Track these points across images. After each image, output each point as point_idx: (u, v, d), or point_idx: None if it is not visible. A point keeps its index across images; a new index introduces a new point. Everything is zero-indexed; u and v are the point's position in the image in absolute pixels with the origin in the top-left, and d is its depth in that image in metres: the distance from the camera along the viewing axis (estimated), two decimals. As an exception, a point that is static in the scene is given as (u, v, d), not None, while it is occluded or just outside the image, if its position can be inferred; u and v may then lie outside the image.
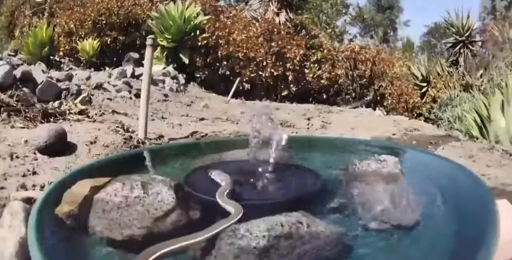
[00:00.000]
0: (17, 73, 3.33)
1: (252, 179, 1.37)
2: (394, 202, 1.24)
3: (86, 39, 6.72)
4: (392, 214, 1.15)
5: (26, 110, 2.81)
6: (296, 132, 3.66)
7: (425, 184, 1.40)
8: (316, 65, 7.78)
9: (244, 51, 6.97)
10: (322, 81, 7.70)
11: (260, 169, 1.39)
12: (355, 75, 8.45)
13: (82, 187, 1.18)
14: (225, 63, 7.10)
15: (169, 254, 0.91)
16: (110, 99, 4.21)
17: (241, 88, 7.12)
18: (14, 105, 2.83)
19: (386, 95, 8.60)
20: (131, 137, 2.78)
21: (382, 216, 1.14)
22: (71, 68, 5.86)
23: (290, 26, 8.37)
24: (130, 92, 4.62)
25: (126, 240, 1.02)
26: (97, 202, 1.10)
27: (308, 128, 4.27)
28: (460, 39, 10.03)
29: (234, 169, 1.45)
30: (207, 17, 7.12)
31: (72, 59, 7.11)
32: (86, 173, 1.40)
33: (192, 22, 6.80)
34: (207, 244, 0.94)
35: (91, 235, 1.05)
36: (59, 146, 2.28)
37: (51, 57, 5.86)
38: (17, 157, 2.15)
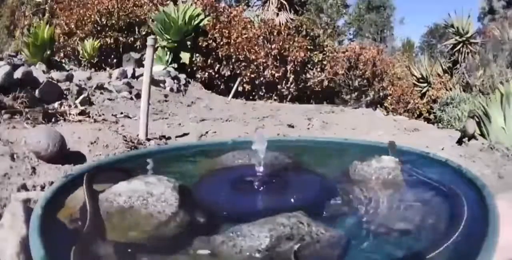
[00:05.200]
0: (18, 73, 3.33)
1: (259, 184, 1.37)
2: (394, 204, 1.24)
3: (87, 40, 6.72)
4: (392, 216, 1.16)
5: (27, 111, 2.81)
6: (299, 135, 3.66)
7: (425, 185, 1.40)
8: (316, 65, 7.78)
9: (244, 52, 6.97)
10: (323, 81, 7.70)
11: (265, 174, 1.38)
12: (355, 75, 8.46)
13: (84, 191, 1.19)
14: (225, 63, 7.11)
15: None
16: (111, 100, 4.21)
17: (241, 88, 7.13)
18: (15, 106, 2.83)
19: (387, 95, 8.61)
20: (131, 137, 2.79)
21: (382, 218, 1.15)
22: (71, 69, 5.86)
23: (290, 27, 8.37)
24: (130, 92, 4.62)
25: (129, 242, 1.02)
26: (100, 204, 1.10)
27: (308, 128, 4.27)
28: (460, 39, 10.02)
29: (241, 174, 1.45)
30: (208, 17, 7.12)
31: (73, 60, 7.11)
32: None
33: (192, 23, 6.81)
34: (208, 245, 0.94)
35: (93, 237, 1.05)
36: (59, 153, 2.26)
37: (52, 58, 5.85)
38: (18, 157, 2.16)
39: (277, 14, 10.15)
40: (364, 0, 22.17)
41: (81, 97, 3.72)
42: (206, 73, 7.00)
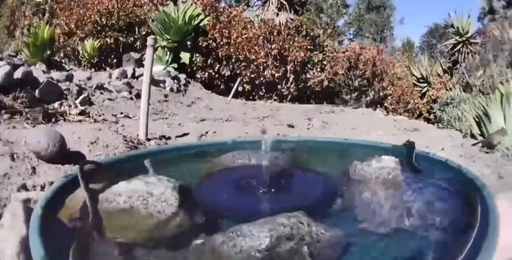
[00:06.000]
0: (18, 73, 3.33)
1: (259, 185, 1.37)
2: (394, 204, 1.24)
3: (87, 40, 6.72)
4: (392, 216, 1.15)
5: (27, 111, 2.81)
6: (299, 135, 3.66)
7: (425, 185, 1.40)
8: (316, 65, 7.78)
9: (244, 52, 6.98)
10: (323, 81, 7.70)
11: (268, 174, 1.38)
12: (355, 75, 8.46)
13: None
14: (225, 63, 7.11)
15: None
16: (111, 100, 4.22)
17: (241, 88, 7.13)
18: (15, 106, 2.83)
19: (387, 95, 8.61)
20: (131, 137, 2.79)
21: (382, 218, 1.14)
22: (71, 69, 5.86)
23: (290, 27, 8.38)
24: (130, 92, 4.62)
25: (129, 242, 1.02)
26: (100, 204, 1.10)
27: (308, 128, 4.27)
28: (460, 39, 10.03)
29: (243, 174, 1.46)
30: (208, 17, 7.12)
31: (73, 60, 7.11)
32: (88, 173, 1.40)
33: (192, 23, 6.81)
34: (210, 245, 0.94)
35: (93, 237, 1.05)
36: (59, 153, 2.26)
37: (52, 58, 5.85)
38: (18, 157, 2.16)
39: (277, 14, 10.15)
40: (364, 0, 22.20)
41: (81, 97, 3.72)
42: (206, 73, 7.00)
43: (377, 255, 1.03)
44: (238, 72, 7.10)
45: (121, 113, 3.73)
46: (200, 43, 6.87)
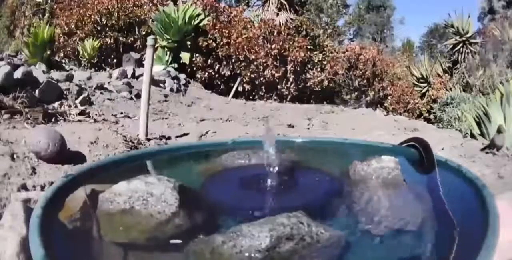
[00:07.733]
0: (18, 73, 3.33)
1: (260, 185, 1.37)
2: (394, 205, 1.24)
3: (87, 40, 6.72)
4: (392, 217, 1.15)
5: (27, 111, 2.81)
6: (299, 135, 3.66)
7: (425, 185, 1.40)
8: (316, 65, 7.79)
9: (244, 52, 6.98)
10: (323, 81, 7.70)
11: (275, 173, 1.38)
12: (355, 75, 8.46)
13: (85, 191, 1.19)
14: (225, 63, 7.11)
15: None
16: (111, 100, 4.22)
17: (241, 88, 7.13)
18: (15, 106, 2.83)
19: (387, 95, 8.62)
20: (131, 137, 2.79)
21: (382, 219, 1.14)
22: (71, 69, 5.86)
23: (290, 27, 8.38)
24: (130, 92, 4.62)
25: (129, 243, 1.02)
26: (100, 204, 1.10)
27: (308, 128, 4.28)
28: (460, 39, 10.03)
29: (250, 174, 1.46)
30: (208, 17, 7.12)
31: (73, 60, 7.11)
32: (88, 173, 1.40)
33: (192, 23, 6.81)
34: (209, 245, 0.94)
35: (93, 238, 1.05)
36: (59, 153, 2.26)
37: (52, 58, 5.85)
38: (18, 157, 2.16)
39: (277, 14, 10.15)
40: (364, 0, 22.22)
41: (81, 97, 3.72)
42: (206, 73, 7.00)
43: (377, 255, 1.03)
44: (238, 72, 7.10)
45: (121, 113, 3.73)
46: (200, 43, 6.88)
